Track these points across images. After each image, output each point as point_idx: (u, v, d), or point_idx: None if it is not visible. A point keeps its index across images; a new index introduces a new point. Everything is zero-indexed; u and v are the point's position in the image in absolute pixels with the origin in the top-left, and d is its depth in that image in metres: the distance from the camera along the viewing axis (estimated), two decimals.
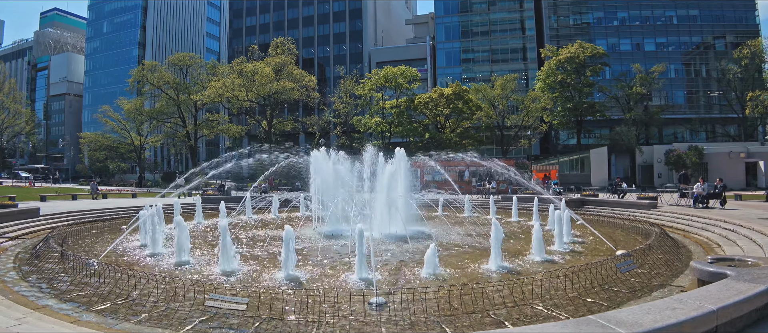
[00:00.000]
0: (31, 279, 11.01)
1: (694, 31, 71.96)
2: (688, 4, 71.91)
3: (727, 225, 18.28)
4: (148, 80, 64.67)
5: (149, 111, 68.30)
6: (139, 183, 64.42)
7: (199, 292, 8.85)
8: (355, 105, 68.37)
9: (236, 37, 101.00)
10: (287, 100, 65.84)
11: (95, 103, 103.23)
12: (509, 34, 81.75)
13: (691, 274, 12.03)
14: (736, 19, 70.16)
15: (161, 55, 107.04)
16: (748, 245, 14.68)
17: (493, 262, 12.46)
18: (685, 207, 25.19)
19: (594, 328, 5.13)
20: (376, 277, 10.40)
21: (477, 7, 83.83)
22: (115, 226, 20.82)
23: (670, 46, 73.07)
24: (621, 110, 61.10)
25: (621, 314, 5.62)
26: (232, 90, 59.64)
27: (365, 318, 8.00)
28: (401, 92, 62.25)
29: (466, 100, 56.24)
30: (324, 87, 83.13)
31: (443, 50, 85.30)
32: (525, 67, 78.76)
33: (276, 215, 26.79)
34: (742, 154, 46.64)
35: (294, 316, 8.04)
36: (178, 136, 70.75)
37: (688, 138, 66.63)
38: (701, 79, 72.40)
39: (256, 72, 59.36)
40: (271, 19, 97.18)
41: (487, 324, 7.92)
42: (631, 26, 74.27)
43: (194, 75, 68.32)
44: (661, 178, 50.36)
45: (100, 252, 14.48)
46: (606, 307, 9.13)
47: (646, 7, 73.82)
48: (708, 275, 8.34)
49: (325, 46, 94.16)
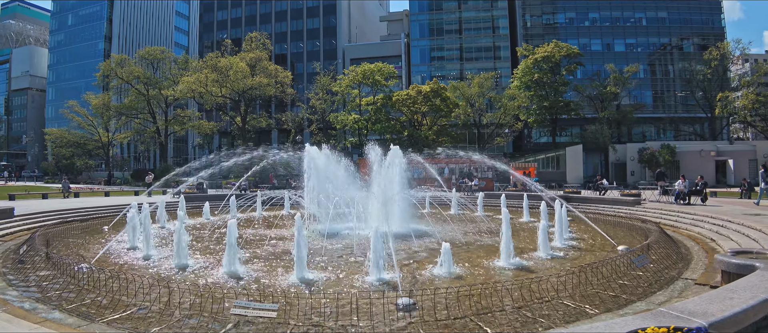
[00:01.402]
0: (21, 287, 10.15)
1: (662, 32, 74.00)
2: (656, 5, 73.90)
3: (716, 220, 18.73)
4: (116, 75, 62.49)
5: (118, 106, 66.05)
6: (108, 181, 62.27)
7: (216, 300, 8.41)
8: (331, 102, 67.75)
9: (207, 31, 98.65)
10: (262, 96, 64.71)
11: (59, 98, 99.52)
12: (483, 32, 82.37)
13: (699, 267, 12.33)
14: (703, 21, 72.50)
15: (128, 48, 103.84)
16: (743, 239, 15.02)
17: (505, 259, 12.41)
18: (667, 203, 25.74)
19: (670, 320, 5.17)
20: (399, 277, 10.14)
21: (451, 5, 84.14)
22: (97, 227, 19.99)
23: (639, 46, 74.97)
24: (593, 109, 62.41)
25: (688, 305, 5.75)
26: (205, 85, 58.21)
27: (399, 322, 7.73)
28: (378, 89, 61.99)
29: (444, 97, 56.44)
30: (298, 83, 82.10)
31: (418, 47, 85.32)
32: (497, 66, 79.44)
33: (261, 214, 26.24)
34: (713, 152, 48.23)
35: (332, 322, 7.67)
36: (147, 133, 68.68)
37: (656, 137, 68.61)
38: (668, 80, 74.55)
39: (230, 67, 58.11)
40: (243, 13, 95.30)
41: (528, 322, 7.78)
42: (602, 27, 75.89)
43: (165, 69, 66.46)
44: (634, 175, 51.58)
45: (89, 255, 13.74)
46: (634, 300, 9.18)
47: (617, 8, 75.60)
48: (735, 267, 8.52)
49: (299, 42, 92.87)
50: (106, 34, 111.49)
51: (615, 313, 8.48)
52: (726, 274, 8.92)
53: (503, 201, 24.86)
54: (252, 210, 27.33)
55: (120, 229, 19.27)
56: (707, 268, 12.29)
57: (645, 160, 50.17)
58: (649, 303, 9.12)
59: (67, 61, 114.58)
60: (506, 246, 12.46)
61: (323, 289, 9.86)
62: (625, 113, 60.41)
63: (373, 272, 10.48)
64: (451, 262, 11.31)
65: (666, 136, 68.75)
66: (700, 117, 64.45)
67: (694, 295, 9.58)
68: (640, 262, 11.42)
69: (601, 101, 60.26)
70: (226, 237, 17.03)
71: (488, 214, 24.41)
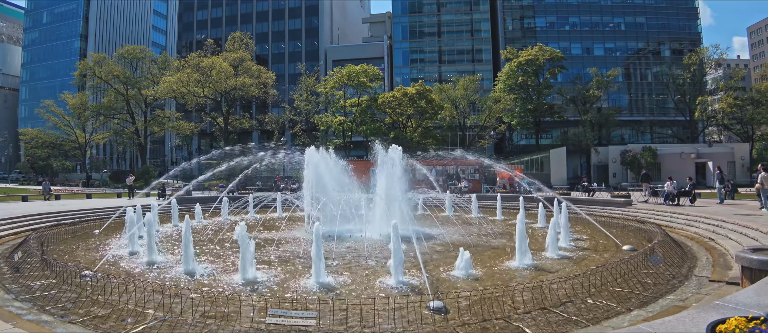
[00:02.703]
0: (25, 298, 9.38)
1: (640, 37, 75.55)
2: (635, 11, 75.48)
3: (710, 220, 19.09)
4: (95, 74, 60.89)
5: (96, 106, 64.37)
6: (87, 182, 60.67)
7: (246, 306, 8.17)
8: (316, 103, 67.33)
9: (186, 30, 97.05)
10: (245, 96, 63.89)
11: (33, 98, 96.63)
12: (466, 35, 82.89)
13: (707, 265, 12.52)
14: (680, 26, 74.24)
15: (105, 47, 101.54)
16: (742, 239, 15.27)
17: (518, 260, 12.44)
18: (656, 204, 26.18)
19: (726, 313, 5.24)
20: (427, 281, 10.01)
21: (434, 8, 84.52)
22: (87, 231, 19.32)
23: (618, 51, 76.41)
24: (575, 112, 63.31)
25: (739, 297, 5.95)
26: (187, 85, 57.21)
27: (436, 326, 7.60)
28: (363, 90, 61.83)
29: (429, 99, 56.51)
30: (279, 85, 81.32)
31: (400, 50, 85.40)
32: (480, 69, 79.89)
33: (253, 216, 25.86)
34: (693, 154, 49.38)
35: (369, 329, 7.49)
36: (125, 133, 67.08)
37: (634, 139, 69.96)
38: (646, 83, 76.13)
39: (213, 67, 57.20)
40: (223, 13, 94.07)
41: (565, 321, 7.74)
42: (582, 31, 77.12)
43: (144, 69, 65.09)
44: (616, 177, 52.42)
45: (88, 261, 13.25)
46: (659, 297, 9.28)
47: (596, 13, 76.95)
48: (758, 263, 8.79)
49: (280, 43, 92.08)
50: (82, 33, 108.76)
51: (645, 310, 8.57)
52: (748, 270, 9.15)
53: (521, 204, 24.61)
54: (244, 212, 26.93)
55: (112, 233, 18.76)
56: (715, 265, 12.52)
57: (627, 162, 51.08)
58: (675, 300, 9.25)
59: (42, 59, 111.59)
60: (520, 248, 12.47)
61: (347, 293, 9.63)
62: (608, 116, 61.45)
63: (395, 275, 10.32)
64: (469, 264, 11.24)
65: (644, 138, 70.15)
66: (679, 120, 65.95)
67: (710, 291, 9.78)
68: (655, 260, 11.55)
69: (583, 104, 61.15)
70: (227, 241, 16.90)
71: (482, 216, 24.46)
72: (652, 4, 75.46)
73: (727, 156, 49.25)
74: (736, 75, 60.35)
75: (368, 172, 41.43)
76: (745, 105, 55.74)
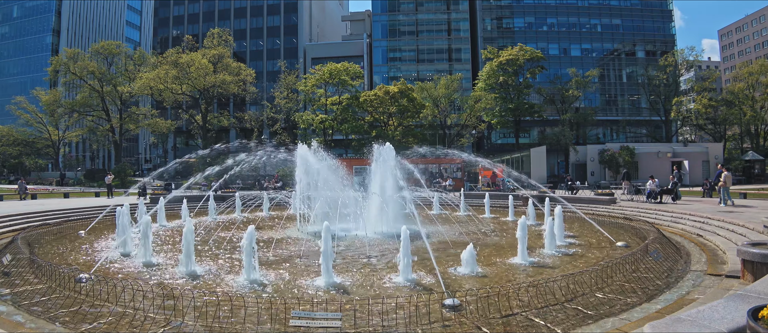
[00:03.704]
0: (23, 305, 8.68)
1: (616, 38, 77.14)
2: (611, 13, 76.99)
3: (695, 217, 19.58)
4: (69, 70, 59.13)
5: (70, 103, 62.51)
6: (61, 181, 58.94)
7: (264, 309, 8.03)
8: (296, 101, 66.81)
9: (162, 26, 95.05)
10: (224, 93, 62.94)
11: (4, 95, 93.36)
12: (445, 34, 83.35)
13: (701, 260, 12.81)
14: (655, 28, 76.00)
15: (78, 43, 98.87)
16: (730, 235, 15.72)
17: (520, 257, 12.54)
18: (639, 202, 26.74)
19: (752, 301, 5.42)
20: (440, 278, 10.00)
21: (414, 7, 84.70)
22: (72, 231, 18.72)
23: (594, 51, 77.80)
24: (554, 111, 64.29)
25: (758, 288, 6.20)
26: (165, 82, 56.08)
27: (455, 323, 7.60)
28: (344, 89, 61.59)
29: (411, 98, 56.59)
30: (258, 82, 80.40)
31: (380, 48, 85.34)
32: (459, 68, 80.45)
33: (240, 215, 25.53)
34: (669, 154, 50.63)
35: (400, 327, 7.43)
36: (100, 131, 65.37)
37: (609, 138, 71.44)
38: (621, 84, 77.71)
39: (192, 63, 56.18)
40: (200, 9, 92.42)
41: (580, 315, 7.82)
42: (560, 32, 78.28)
43: (120, 65, 63.57)
44: (594, 175, 53.37)
45: (80, 263, 12.78)
46: (665, 289, 9.53)
47: (574, 14, 78.23)
48: (761, 257, 9.16)
49: (259, 40, 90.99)
50: (54, 28, 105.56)
51: (655, 302, 8.75)
52: (749, 263, 9.49)
53: (511, 203, 24.76)
54: (229, 211, 26.55)
55: (98, 233, 18.27)
56: (709, 261, 12.84)
57: (606, 161, 52.06)
58: (681, 292, 9.51)
59: (12, 54, 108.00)
60: (522, 245, 12.60)
61: (362, 293, 9.54)
62: (586, 116, 62.51)
63: (404, 273, 10.30)
64: (474, 261, 11.28)
65: (619, 138, 71.64)
66: (654, 120, 67.53)
67: (711, 284, 10.04)
68: (655, 256, 11.79)
69: (562, 103, 62.10)
70: (221, 241, 16.58)
71: (470, 214, 24.58)
72: (628, 6, 77.15)
73: (702, 155, 50.65)
74: (710, 77, 62.16)
75: (351, 170, 41.44)
76: (718, 106, 57.43)
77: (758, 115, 57.76)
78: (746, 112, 57.48)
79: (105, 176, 43.74)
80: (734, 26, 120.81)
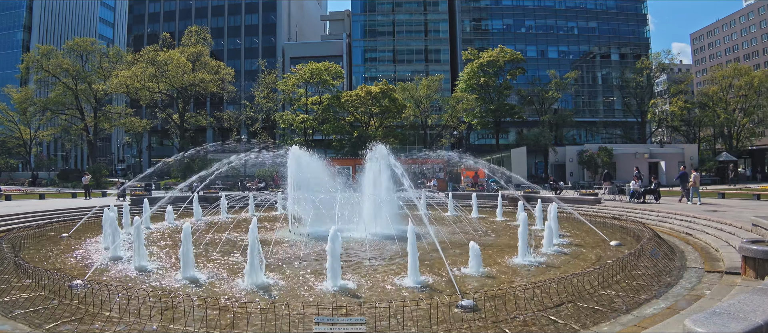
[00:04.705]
0: (18, 315, 8.06)
1: (592, 41, 78.73)
2: (588, 16, 78.60)
3: (681, 217, 19.97)
4: (42, 67, 57.33)
5: (43, 101, 60.59)
6: (33, 182, 57.08)
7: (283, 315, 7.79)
8: (276, 100, 66.16)
9: (137, 23, 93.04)
10: (203, 92, 61.88)
11: None
12: (425, 35, 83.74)
13: (696, 258, 13.03)
14: (630, 32, 77.89)
15: (50, 39, 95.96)
16: (719, 233, 16.02)
17: (522, 257, 12.58)
18: (623, 202, 27.19)
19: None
20: (454, 279, 9.91)
21: (394, 7, 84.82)
22: (54, 234, 18.02)
23: (571, 54, 79.21)
24: (532, 112, 65.17)
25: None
26: (142, 80, 54.86)
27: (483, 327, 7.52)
28: (325, 88, 61.29)
29: (393, 98, 56.60)
30: (236, 81, 79.42)
31: (360, 48, 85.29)
32: (439, 69, 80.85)
33: (226, 216, 25.08)
34: (646, 154, 51.81)
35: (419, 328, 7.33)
36: (73, 130, 63.54)
37: (585, 139, 72.76)
38: (596, 86, 79.32)
39: (170, 61, 55.08)
40: (177, 6, 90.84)
41: (596, 312, 7.84)
42: (537, 34, 79.56)
43: (94, 62, 61.95)
44: (572, 176, 54.19)
45: (68, 268, 12.26)
46: (670, 286, 9.70)
47: (551, 17, 79.61)
48: (762, 253, 9.38)
49: (236, 39, 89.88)
50: (25, 24, 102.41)
51: (664, 298, 8.85)
52: (751, 260, 9.70)
53: (499, 203, 24.95)
54: (215, 213, 26.04)
55: (82, 236, 17.63)
56: (704, 258, 13.08)
57: (584, 162, 52.95)
58: (688, 288, 9.71)
59: None
60: (523, 244, 12.63)
61: (374, 297, 9.33)
62: (564, 117, 63.48)
63: (412, 275, 10.17)
64: (479, 262, 11.24)
65: (595, 139, 73.00)
66: (629, 121, 69.03)
67: (714, 280, 10.26)
68: (655, 254, 11.96)
69: (541, 105, 62.94)
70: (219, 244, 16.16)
71: (458, 214, 24.58)
72: (604, 9, 78.85)
73: (677, 156, 51.90)
74: (686, 79, 63.87)
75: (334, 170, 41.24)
76: (693, 108, 59.03)
77: (731, 118, 59.63)
78: (720, 114, 59.28)
79: (81, 176, 42.55)
80: (706, 30, 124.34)
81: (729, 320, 5.00)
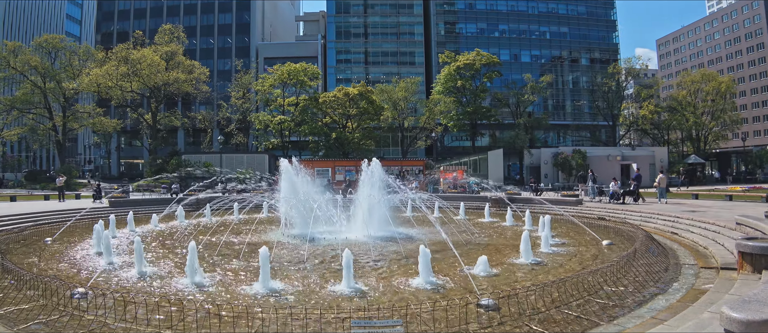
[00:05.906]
0: (20, 327, 7.62)
1: (563, 46, 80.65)
2: (559, 21, 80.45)
3: (664, 217, 20.66)
4: (9, 64, 55.17)
5: (9, 100, 58.19)
6: (0, 183, 54.88)
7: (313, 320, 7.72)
8: (251, 101, 65.39)
9: (106, 20, 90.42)
10: (176, 92, 60.60)
11: None
12: (400, 37, 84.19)
13: (688, 256, 13.50)
14: (600, 38, 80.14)
15: (15, 36, 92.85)
16: (705, 232, 16.62)
17: (524, 257, 12.78)
18: (604, 203, 27.89)
19: None
20: (471, 278, 10.01)
21: (363, 9, 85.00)
22: (37, 239, 17.28)
23: (543, 58, 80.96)
24: (507, 115, 66.27)
25: None
26: (115, 79, 53.41)
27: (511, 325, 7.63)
28: (302, 89, 60.95)
29: (371, 100, 56.70)
30: (210, 81, 78.13)
31: (335, 49, 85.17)
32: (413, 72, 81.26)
33: (210, 219, 24.62)
34: (618, 157, 53.26)
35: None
36: (41, 130, 61.37)
37: (556, 142, 74.42)
38: (568, 89, 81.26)
39: (143, 60, 53.76)
40: (148, 3, 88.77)
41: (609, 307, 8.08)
42: (511, 38, 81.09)
43: (64, 60, 60.03)
44: (547, 178, 55.19)
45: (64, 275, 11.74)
46: (672, 282, 10.12)
47: (524, 22, 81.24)
48: (760, 249, 9.70)
49: (209, 38, 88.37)
50: None
51: (667, 296, 9.16)
52: (748, 256, 10.07)
53: (487, 208, 25.23)
54: (199, 216, 25.57)
55: (67, 241, 17.00)
56: (695, 255, 13.61)
57: (559, 164, 54.04)
58: (688, 284, 10.18)
59: None
60: (525, 244, 12.87)
61: (379, 297, 9.35)
62: (540, 120, 64.72)
63: (424, 275, 10.23)
64: (486, 263, 11.36)
65: (566, 141, 74.70)
66: (601, 124, 70.86)
67: (711, 276, 10.76)
68: (653, 253, 12.37)
69: (516, 108, 64.01)
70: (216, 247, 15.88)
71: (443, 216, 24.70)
72: (575, 15, 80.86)
73: (648, 159, 53.51)
74: (656, 84, 65.99)
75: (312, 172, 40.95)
76: (662, 112, 61.01)
77: (700, 121, 61.87)
78: (689, 118, 61.41)
79: (50, 177, 41.19)
80: (672, 36, 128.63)
81: (761, 306, 5.28)
